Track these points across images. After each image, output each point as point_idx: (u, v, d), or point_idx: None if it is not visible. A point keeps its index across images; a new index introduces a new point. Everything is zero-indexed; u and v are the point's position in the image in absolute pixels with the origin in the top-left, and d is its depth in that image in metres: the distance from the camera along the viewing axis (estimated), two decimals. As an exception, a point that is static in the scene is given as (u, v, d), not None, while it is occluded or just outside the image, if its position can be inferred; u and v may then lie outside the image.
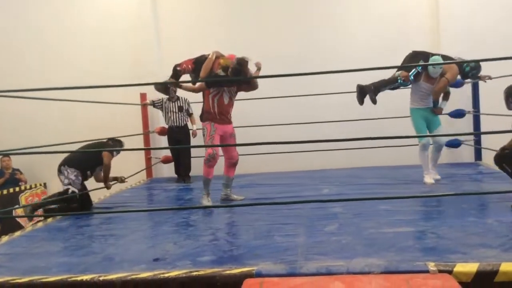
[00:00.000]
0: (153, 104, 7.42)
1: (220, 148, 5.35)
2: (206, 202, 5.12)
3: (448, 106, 6.44)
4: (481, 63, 5.55)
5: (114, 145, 5.59)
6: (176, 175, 7.50)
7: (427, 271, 2.76)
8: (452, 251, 3.14)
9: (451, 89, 6.15)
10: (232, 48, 8.03)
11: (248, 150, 7.30)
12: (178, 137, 7.23)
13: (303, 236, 3.75)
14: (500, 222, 3.84)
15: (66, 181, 5.37)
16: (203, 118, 5.29)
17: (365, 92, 5.66)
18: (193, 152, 7.27)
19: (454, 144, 7.30)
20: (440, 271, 2.76)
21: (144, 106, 7.77)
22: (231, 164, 5.35)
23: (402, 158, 7.26)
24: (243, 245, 3.62)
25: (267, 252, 3.36)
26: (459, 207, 4.37)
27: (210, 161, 5.07)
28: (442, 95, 5.86)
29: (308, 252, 3.30)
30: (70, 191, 5.32)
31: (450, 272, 2.75)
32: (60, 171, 5.42)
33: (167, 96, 7.15)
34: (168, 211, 5.03)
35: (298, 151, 7.25)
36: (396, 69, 5.75)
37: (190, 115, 7.37)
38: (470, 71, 5.63)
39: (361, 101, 5.72)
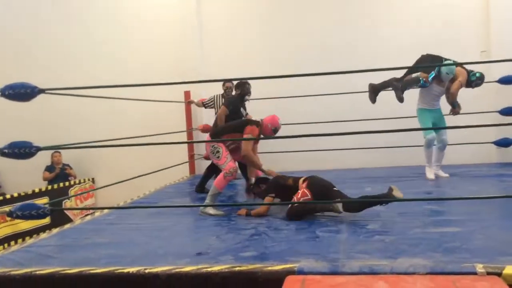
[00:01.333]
0: (204, 105, 7.27)
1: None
2: (214, 212, 4.86)
3: (500, 103, 6.32)
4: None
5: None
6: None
7: (475, 273, 2.67)
8: (501, 253, 3.01)
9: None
10: (272, 43, 8.15)
11: (286, 147, 7.32)
12: None
13: (346, 233, 3.72)
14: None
15: None
16: (214, 136, 5.23)
17: (377, 91, 5.92)
18: None
19: (504, 143, 7.01)
20: (489, 273, 2.66)
21: (190, 103, 7.81)
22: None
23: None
24: (284, 240, 3.62)
25: (309, 249, 3.35)
26: (509, 208, 4.20)
27: (228, 176, 4.93)
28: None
29: (350, 250, 3.27)
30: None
31: (499, 274, 2.65)
32: None
33: (219, 94, 7.06)
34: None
35: (334, 149, 7.20)
36: (406, 69, 5.86)
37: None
38: (475, 80, 5.92)
39: (373, 100, 5.97)
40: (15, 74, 5.59)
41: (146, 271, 3.04)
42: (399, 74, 5.86)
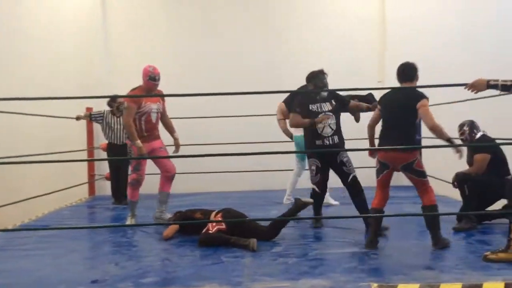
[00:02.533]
0: (90, 117, 6.76)
1: (145, 170, 5.05)
2: (130, 221, 5.00)
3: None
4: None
5: None
6: (113, 197, 6.82)
7: (371, 292, 2.81)
8: (394, 272, 3.21)
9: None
10: (180, 59, 8.08)
11: (194, 169, 7.22)
12: (119, 156, 6.61)
13: (250, 257, 3.72)
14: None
15: None
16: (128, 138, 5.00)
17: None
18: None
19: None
20: (383, 292, 2.81)
21: (78, 119, 6.84)
22: (168, 178, 5.02)
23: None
24: (188, 266, 3.53)
25: (213, 273, 3.30)
26: (401, 229, 4.49)
27: (134, 185, 4.99)
28: None
29: (254, 273, 3.28)
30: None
31: (392, 292, 2.81)
32: None
33: (110, 109, 6.62)
34: (110, 231, 4.83)
35: (246, 170, 7.24)
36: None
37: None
38: None
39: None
40: None
41: (35, 302, 2.78)
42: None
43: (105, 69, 8.06)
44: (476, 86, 3.32)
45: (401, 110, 3.80)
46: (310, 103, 4.53)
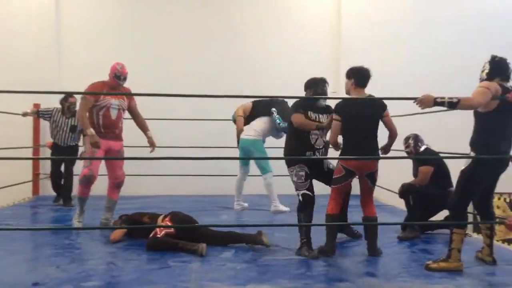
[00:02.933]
0: (38, 113, 6.49)
1: (99, 167, 4.74)
2: (76, 222, 4.71)
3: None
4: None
5: None
6: (57, 196, 6.62)
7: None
8: (340, 279, 3.27)
9: None
10: (133, 57, 7.91)
11: (145, 171, 7.07)
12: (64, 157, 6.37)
13: (198, 262, 3.67)
14: (385, 253, 4.08)
15: None
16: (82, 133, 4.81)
17: None
18: (78, 171, 6.67)
19: None
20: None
21: (24, 115, 6.54)
22: (115, 184, 4.85)
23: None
24: (134, 270, 3.44)
25: (159, 278, 3.23)
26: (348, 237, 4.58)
27: (85, 183, 4.66)
28: None
29: (202, 278, 3.24)
30: None
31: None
32: None
33: (60, 108, 6.35)
34: (52, 232, 4.65)
35: (198, 174, 7.18)
36: None
37: (85, 135, 6.65)
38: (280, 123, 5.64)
39: None
40: None
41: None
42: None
43: (55, 66, 7.77)
44: (425, 102, 3.43)
45: (370, 119, 3.89)
46: (310, 110, 4.27)
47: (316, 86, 4.33)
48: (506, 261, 3.76)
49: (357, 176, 3.98)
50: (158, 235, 4.05)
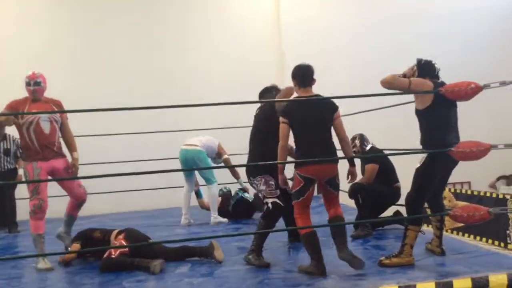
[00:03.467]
0: None
1: (46, 193, 4.19)
2: (43, 265, 4.07)
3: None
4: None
5: None
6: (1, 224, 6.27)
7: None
8: (295, 284, 3.31)
9: None
10: (64, 64, 7.66)
11: (97, 189, 6.82)
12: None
13: (154, 280, 3.59)
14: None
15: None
16: (23, 157, 4.39)
17: None
18: (20, 195, 6.16)
19: None
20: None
21: None
22: (78, 204, 4.44)
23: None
24: (86, 295, 3.32)
25: (114, 301, 3.13)
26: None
27: (37, 213, 4.10)
28: None
29: (158, 298, 3.17)
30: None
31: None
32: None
33: None
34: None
35: (149, 188, 7.01)
36: None
37: (18, 158, 6.27)
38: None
39: None
40: None
41: None
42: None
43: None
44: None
45: (319, 122, 3.60)
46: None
47: (270, 93, 4.31)
48: (454, 250, 3.92)
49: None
50: (113, 255, 3.92)
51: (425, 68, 3.72)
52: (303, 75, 3.68)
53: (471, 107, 4.07)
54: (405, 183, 4.10)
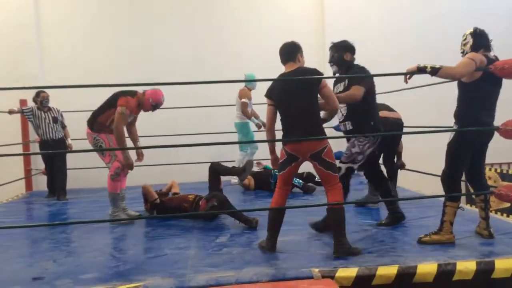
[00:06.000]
0: (22, 111, 6.46)
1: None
2: (122, 214, 4.74)
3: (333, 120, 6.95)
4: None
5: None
6: (48, 190, 6.72)
7: (312, 277, 2.88)
8: (334, 257, 3.30)
9: None
10: (114, 49, 7.85)
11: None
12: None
13: (194, 249, 3.70)
14: (377, 228, 4.14)
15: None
16: (94, 128, 4.71)
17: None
18: (70, 164, 6.72)
19: (338, 156, 7.66)
20: (324, 277, 2.90)
21: (10, 113, 6.40)
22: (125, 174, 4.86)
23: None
24: (130, 260, 3.47)
25: (156, 267, 3.26)
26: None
27: (118, 175, 4.66)
28: None
29: (198, 265, 3.27)
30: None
31: (332, 277, 2.90)
32: None
33: (36, 105, 6.39)
34: (48, 227, 4.65)
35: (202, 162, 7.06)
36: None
37: (64, 127, 6.66)
38: None
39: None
40: None
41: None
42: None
43: (37, 61, 7.67)
44: (409, 71, 3.46)
45: (298, 96, 3.41)
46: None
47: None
48: (498, 230, 3.81)
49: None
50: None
51: (481, 38, 3.55)
52: (284, 52, 3.57)
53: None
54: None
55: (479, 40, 3.54)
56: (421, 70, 3.39)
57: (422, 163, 6.11)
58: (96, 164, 5.82)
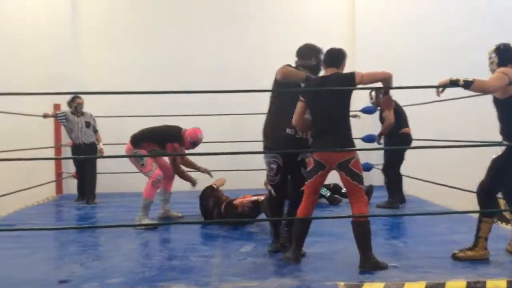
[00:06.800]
0: (56, 116, 6.60)
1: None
2: (147, 221, 4.85)
3: (361, 131, 6.87)
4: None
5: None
6: (78, 193, 6.83)
7: (337, 291, 2.84)
8: (361, 271, 3.25)
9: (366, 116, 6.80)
10: (151, 53, 7.95)
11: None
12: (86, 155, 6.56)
13: (219, 257, 3.71)
14: (405, 243, 4.07)
15: None
16: (136, 146, 4.95)
17: None
18: (100, 169, 6.81)
19: (365, 168, 7.58)
20: (349, 291, 2.85)
21: (45, 117, 6.54)
22: (170, 176, 5.25)
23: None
24: (156, 266, 3.50)
25: (181, 274, 3.28)
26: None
27: (158, 183, 4.94)
28: None
29: (222, 273, 3.27)
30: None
31: (358, 291, 2.86)
32: None
33: (70, 109, 6.53)
34: (76, 230, 4.73)
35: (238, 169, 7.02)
36: None
37: (96, 131, 6.73)
38: None
39: None
40: None
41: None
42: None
43: (72, 63, 7.80)
44: (441, 83, 3.40)
45: (329, 101, 3.36)
46: None
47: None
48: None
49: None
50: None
51: (506, 55, 3.46)
52: (329, 56, 3.52)
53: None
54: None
55: (505, 56, 3.47)
56: (453, 83, 3.32)
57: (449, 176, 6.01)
58: (126, 169, 5.91)
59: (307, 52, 3.78)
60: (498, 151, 3.49)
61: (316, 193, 3.59)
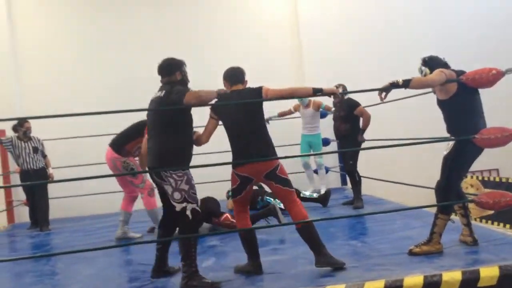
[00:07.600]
0: (1, 142, 6.36)
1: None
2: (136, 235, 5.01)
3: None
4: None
5: None
6: (30, 221, 6.61)
7: (300, 297, 2.86)
8: (322, 275, 3.29)
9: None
10: (91, 75, 7.79)
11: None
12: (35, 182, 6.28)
13: (179, 275, 3.63)
14: (363, 242, 4.15)
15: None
16: (123, 154, 4.88)
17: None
18: (52, 193, 6.59)
19: (325, 142, 7.55)
20: (311, 296, 2.87)
21: None
22: (133, 198, 5.16)
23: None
24: (115, 290, 3.41)
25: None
26: (327, 231, 4.57)
27: (153, 191, 4.94)
28: None
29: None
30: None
31: (320, 295, 2.88)
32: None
33: (17, 135, 6.31)
34: (31, 259, 4.54)
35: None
36: None
37: (45, 156, 6.56)
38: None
39: None
40: None
41: None
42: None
43: (15, 89, 7.62)
44: (384, 90, 3.51)
45: (243, 114, 3.40)
46: None
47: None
48: (481, 238, 3.81)
49: None
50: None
51: (433, 63, 3.65)
52: (232, 75, 3.57)
53: (492, 92, 3.94)
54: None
55: (433, 64, 3.64)
56: (394, 85, 3.44)
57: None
58: (78, 192, 5.73)
59: (169, 68, 3.56)
60: (448, 147, 3.60)
61: (247, 204, 3.59)
